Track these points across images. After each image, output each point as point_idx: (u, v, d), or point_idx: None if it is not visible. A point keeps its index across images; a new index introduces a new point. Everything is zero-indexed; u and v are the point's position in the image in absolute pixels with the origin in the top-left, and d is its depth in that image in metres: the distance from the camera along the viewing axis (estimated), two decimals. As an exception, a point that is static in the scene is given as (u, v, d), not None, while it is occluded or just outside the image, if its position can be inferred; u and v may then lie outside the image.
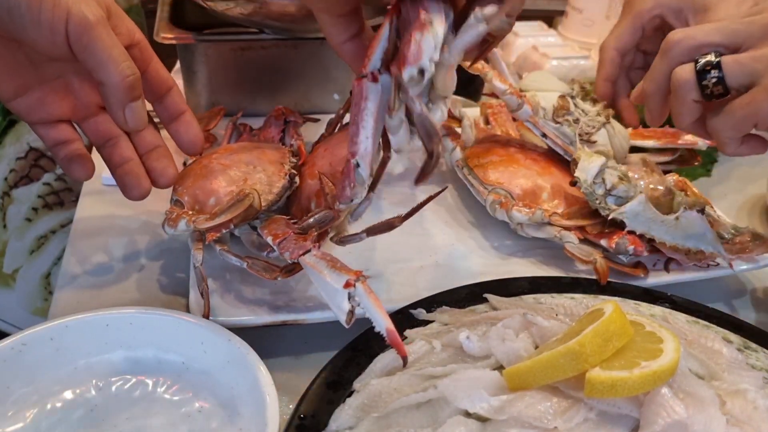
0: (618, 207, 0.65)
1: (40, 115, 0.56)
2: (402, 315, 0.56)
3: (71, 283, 0.64)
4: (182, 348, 0.53)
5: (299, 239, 0.54)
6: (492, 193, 0.71)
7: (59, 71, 0.56)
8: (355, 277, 0.48)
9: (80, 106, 0.58)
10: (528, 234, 0.69)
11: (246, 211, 0.58)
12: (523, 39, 1.13)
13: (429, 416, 0.46)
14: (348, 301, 0.48)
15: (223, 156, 0.67)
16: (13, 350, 0.50)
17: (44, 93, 0.55)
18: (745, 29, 0.59)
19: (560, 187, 0.71)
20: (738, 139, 0.61)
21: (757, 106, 0.57)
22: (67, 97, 0.57)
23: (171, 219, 0.60)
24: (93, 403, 0.51)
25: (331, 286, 0.49)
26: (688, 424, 0.42)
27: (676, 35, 0.62)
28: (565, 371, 0.44)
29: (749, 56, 0.58)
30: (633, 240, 0.64)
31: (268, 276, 0.57)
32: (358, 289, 0.48)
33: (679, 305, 0.59)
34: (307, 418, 0.47)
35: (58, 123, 0.57)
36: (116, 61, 0.51)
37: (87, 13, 0.49)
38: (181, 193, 0.64)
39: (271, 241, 0.55)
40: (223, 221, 0.58)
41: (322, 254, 0.52)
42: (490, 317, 0.55)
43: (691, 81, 0.60)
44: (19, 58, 0.54)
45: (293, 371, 0.57)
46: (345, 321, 0.49)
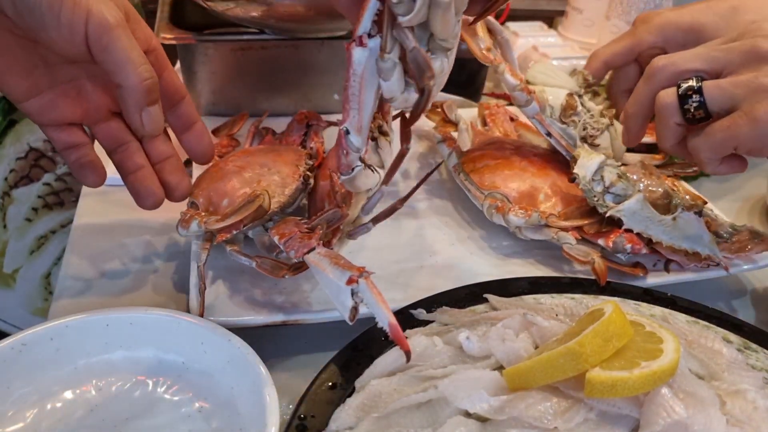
0: (616, 205, 0.65)
1: (51, 117, 0.55)
2: (402, 315, 0.56)
3: (71, 283, 0.64)
4: (182, 348, 0.53)
5: (304, 238, 0.54)
6: (488, 198, 0.71)
7: (73, 74, 0.56)
8: (359, 273, 0.48)
9: (92, 110, 0.57)
10: (526, 236, 0.69)
11: (256, 212, 0.58)
12: (523, 39, 1.14)
13: (429, 416, 0.46)
14: (351, 297, 0.48)
15: (239, 158, 0.68)
16: (13, 350, 0.50)
17: (56, 95, 0.55)
18: (724, 56, 0.62)
19: (557, 187, 0.71)
20: (717, 159, 0.63)
21: (737, 129, 0.59)
22: (79, 101, 0.56)
23: (184, 220, 0.61)
24: (93, 403, 0.51)
25: (334, 283, 0.49)
26: (688, 425, 0.42)
27: (660, 61, 0.65)
28: (565, 371, 0.44)
29: (729, 81, 0.60)
30: (630, 238, 0.64)
31: (275, 274, 0.57)
32: (361, 285, 0.48)
33: (679, 305, 0.59)
34: (307, 418, 0.47)
35: (69, 126, 0.57)
36: (135, 64, 0.51)
37: (107, 14, 0.49)
38: (197, 194, 0.65)
39: (277, 241, 0.55)
40: (233, 222, 0.58)
41: (327, 252, 0.52)
42: (490, 317, 0.55)
43: (673, 105, 0.63)
44: (33, 59, 0.53)
45: (293, 371, 0.57)
46: (349, 318, 0.49)
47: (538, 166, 0.73)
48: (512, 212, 0.68)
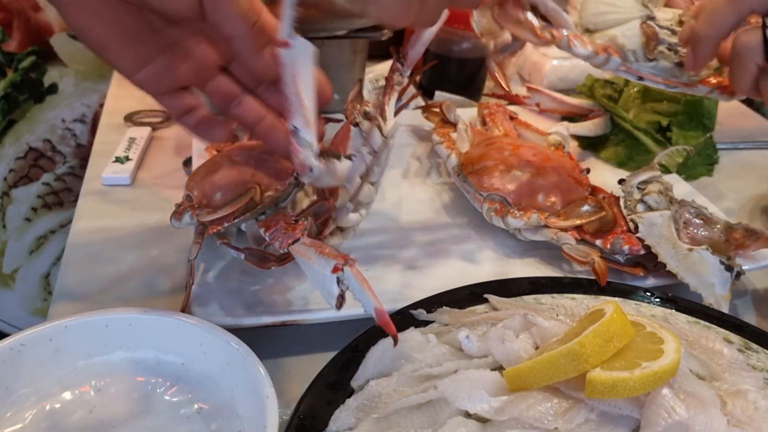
0: (642, 212, 0.64)
1: (166, 83, 0.54)
2: (402, 315, 0.56)
3: (71, 283, 0.64)
4: (182, 349, 0.53)
5: (289, 228, 0.54)
6: (487, 201, 0.71)
7: (178, 35, 0.54)
8: (343, 261, 0.48)
9: (201, 68, 0.56)
10: (526, 238, 0.69)
11: (246, 205, 0.58)
12: (524, 39, 1.13)
13: (429, 417, 0.46)
14: (337, 285, 0.48)
15: (235, 152, 0.68)
16: (12, 351, 0.50)
17: (168, 60, 0.54)
18: None
19: (556, 185, 0.71)
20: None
21: None
22: (187, 62, 0.55)
23: (177, 212, 0.61)
24: (92, 404, 0.51)
25: (319, 272, 0.49)
26: (689, 425, 0.42)
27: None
28: (565, 372, 0.43)
29: None
30: (628, 239, 0.64)
31: (262, 265, 0.57)
32: (346, 272, 0.48)
33: (680, 306, 0.59)
34: (306, 419, 0.47)
35: (182, 91, 0.56)
36: (243, 10, 0.51)
37: None
38: (191, 187, 0.64)
39: (263, 233, 0.56)
40: (223, 215, 0.58)
41: (311, 242, 0.52)
42: (490, 318, 0.55)
43: (757, 45, 0.58)
44: (141, 26, 0.52)
45: (293, 372, 0.56)
46: (335, 305, 0.49)
47: (538, 165, 0.73)
48: (511, 214, 0.68)
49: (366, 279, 0.48)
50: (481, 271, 0.66)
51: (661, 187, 0.66)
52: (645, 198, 0.65)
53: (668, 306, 0.59)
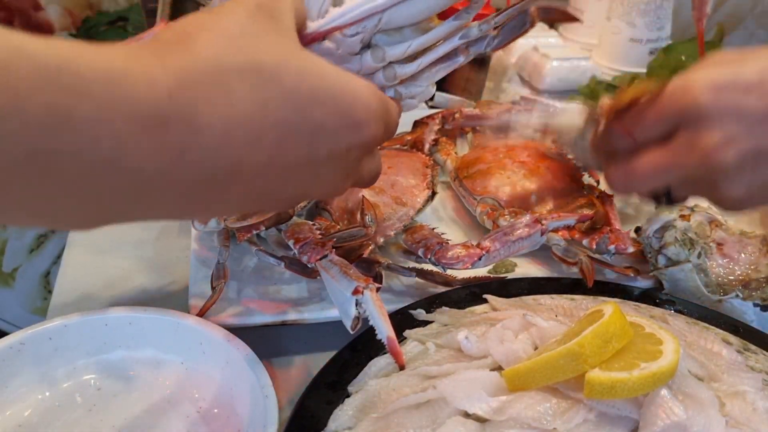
0: (663, 267, 0.62)
1: None
2: (402, 315, 0.56)
3: (71, 282, 0.64)
4: (181, 348, 0.53)
5: (318, 244, 0.55)
6: (480, 204, 0.71)
7: None
8: (365, 284, 0.49)
9: None
10: None
11: (279, 215, 0.59)
12: (524, 40, 1.13)
13: (428, 417, 0.46)
14: (355, 307, 0.50)
15: None
16: (12, 349, 0.50)
17: None
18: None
19: (549, 187, 0.71)
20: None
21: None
22: None
23: None
24: (91, 402, 0.51)
25: (340, 291, 0.50)
26: (688, 426, 0.42)
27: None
28: (564, 372, 0.44)
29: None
30: (614, 238, 0.63)
31: (307, 275, 0.59)
32: (365, 296, 0.49)
33: (679, 306, 0.59)
34: (306, 419, 0.47)
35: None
36: None
37: None
38: None
39: (292, 245, 0.57)
40: (254, 222, 0.59)
41: (338, 260, 0.53)
42: (489, 318, 0.55)
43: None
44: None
45: (293, 371, 0.57)
46: (350, 327, 0.50)
47: (531, 167, 0.73)
48: (502, 217, 0.68)
49: (383, 306, 0.49)
50: (481, 271, 0.66)
51: (678, 233, 0.62)
52: (663, 251, 0.62)
53: (667, 307, 0.59)
